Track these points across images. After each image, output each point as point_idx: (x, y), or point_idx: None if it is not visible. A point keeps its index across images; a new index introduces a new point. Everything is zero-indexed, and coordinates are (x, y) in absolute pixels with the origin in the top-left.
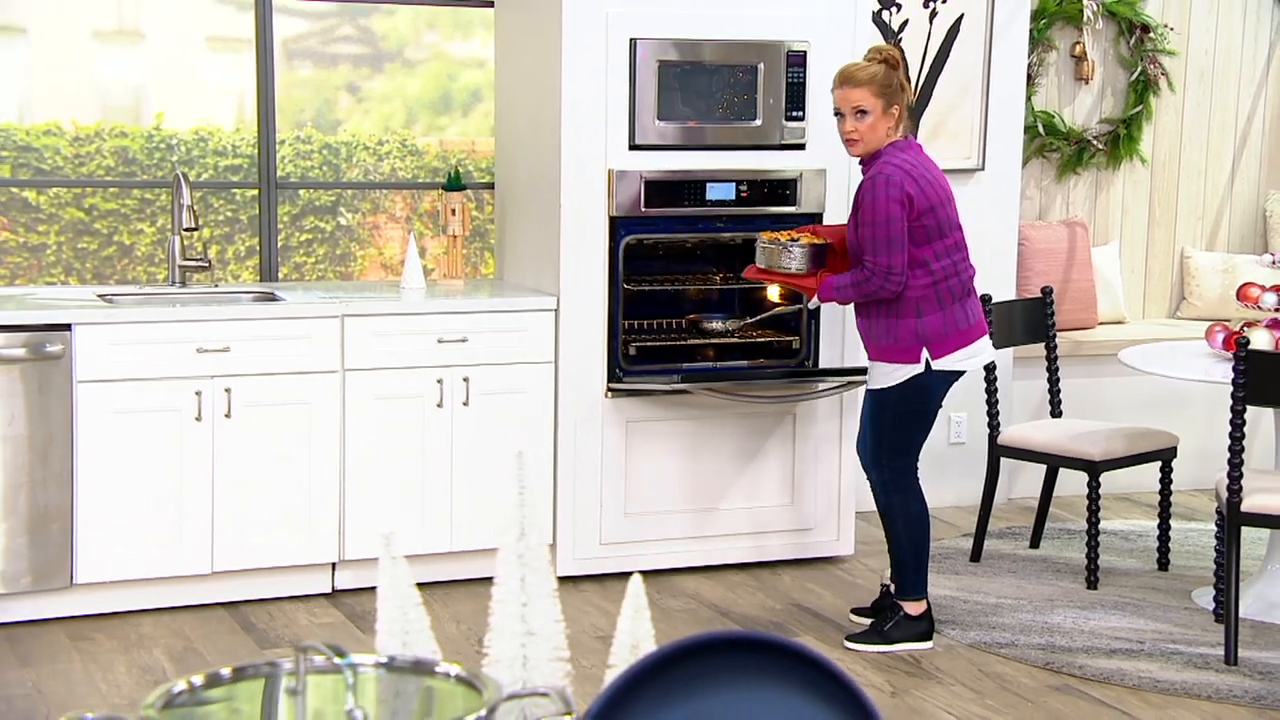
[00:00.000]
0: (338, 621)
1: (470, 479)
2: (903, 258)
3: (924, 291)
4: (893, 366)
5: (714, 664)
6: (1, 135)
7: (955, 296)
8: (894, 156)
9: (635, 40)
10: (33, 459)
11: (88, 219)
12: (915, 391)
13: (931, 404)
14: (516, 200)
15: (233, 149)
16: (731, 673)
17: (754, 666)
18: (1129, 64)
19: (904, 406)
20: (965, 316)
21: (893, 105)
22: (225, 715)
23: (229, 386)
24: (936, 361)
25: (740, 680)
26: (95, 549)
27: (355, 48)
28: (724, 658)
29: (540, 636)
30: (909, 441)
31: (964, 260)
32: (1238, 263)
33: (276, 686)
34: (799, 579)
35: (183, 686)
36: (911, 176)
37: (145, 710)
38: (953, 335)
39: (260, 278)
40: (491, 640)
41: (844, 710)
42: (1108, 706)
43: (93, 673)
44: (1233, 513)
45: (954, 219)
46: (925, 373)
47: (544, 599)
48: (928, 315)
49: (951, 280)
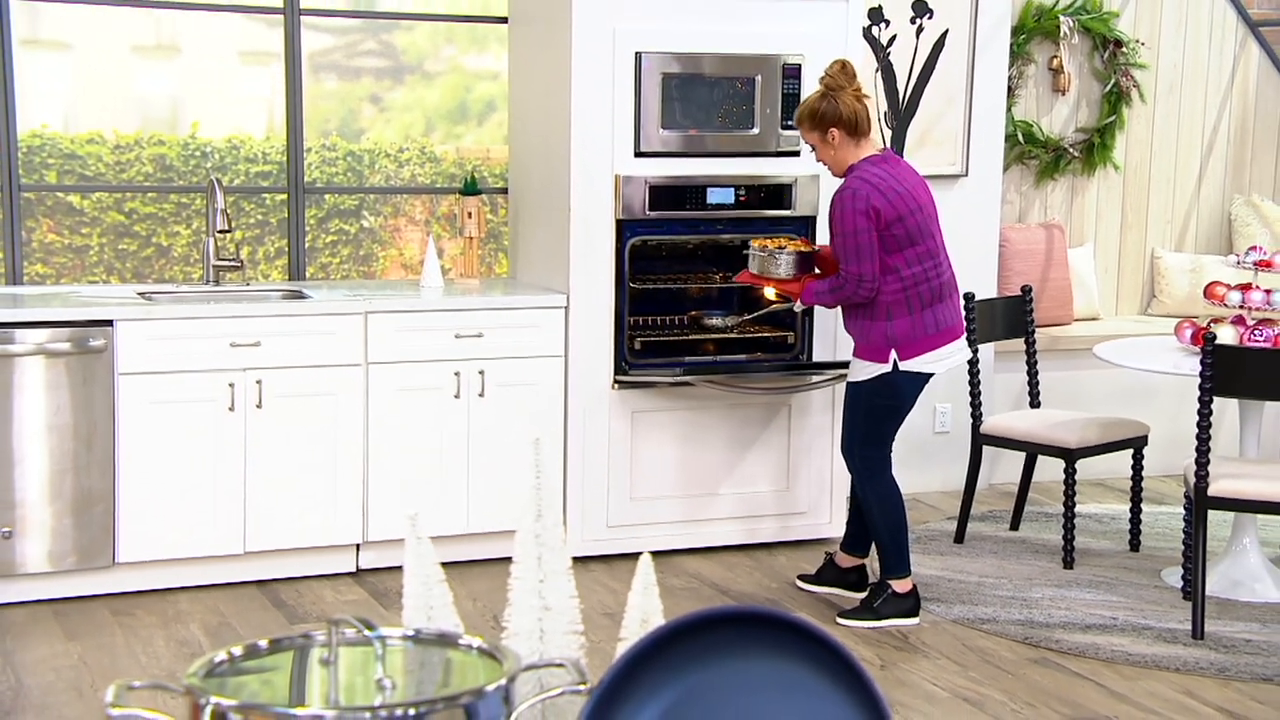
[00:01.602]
0: (361, 599)
1: (485, 465)
2: (872, 266)
3: (895, 296)
4: (866, 364)
5: (720, 637)
6: (48, 144)
7: (925, 302)
8: (864, 171)
9: (640, 54)
10: (77, 446)
11: (128, 222)
12: (884, 388)
13: (900, 401)
14: (528, 204)
15: (263, 156)
16: (736, 645)
17: (757, 640)
18: (1103, 77)
19: (875, 401)
20: (935, 321)
21: (828, 130)
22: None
23: (260, 378)
24: (904, 363)
25: (744, 652)
26: (136, 530)
27: (377, 61)
28: (729, 631)
29: (556, 611)
30: (880, 434)
31: (935, 267)
32: (1204, 263)
33: (309, 657)
34: (793, 559)
35: (223, 656)
36: (879, 190)
37: (189, 678)
38: (921, 339)
39: (289, 277)
40: (510, 615)
41: (841, 680)
42: (1083, 678)
43: (134, 646)
44: (1200, 497)
45: (925, 227)
46: (893, 372)
47: (559, 576)
48: (897, 319)
49: (921, 286)
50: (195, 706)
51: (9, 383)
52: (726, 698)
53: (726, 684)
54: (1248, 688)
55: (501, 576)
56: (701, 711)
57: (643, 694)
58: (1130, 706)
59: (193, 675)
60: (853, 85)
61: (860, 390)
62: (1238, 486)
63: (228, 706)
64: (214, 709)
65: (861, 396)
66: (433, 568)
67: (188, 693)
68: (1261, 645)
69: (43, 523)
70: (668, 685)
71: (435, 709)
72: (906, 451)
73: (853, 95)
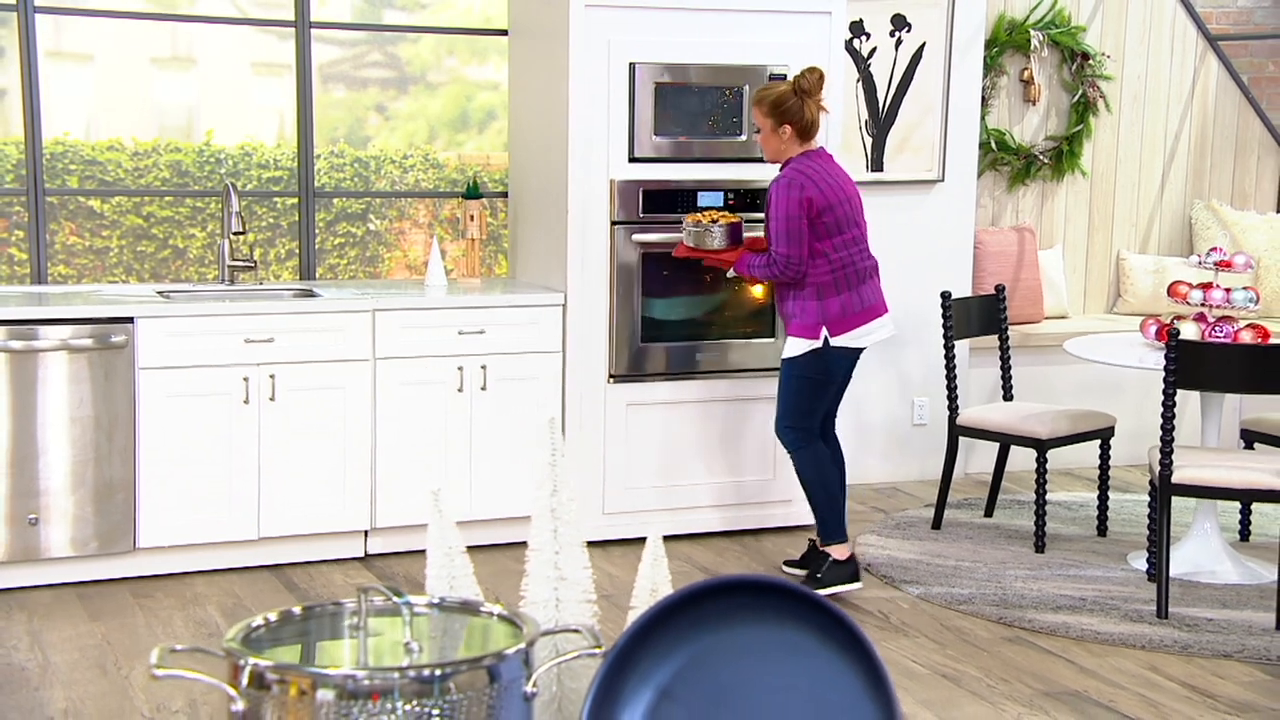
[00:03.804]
0: (370, 582)
1: (487, 455)
2: (800, 250)
3: (825, 278)
4: (799, 341)
5: (725, 604)
6: (70, 150)
7: (852, 284)
8: (801, 164)
9: (634, 64)
10: (99, 437)
11: (146, 225)
12: (817, 362)
13: (830, 375)
14: (528, 207)
15: (274, 162)
16: (741, 612)
17: (760, 607)
18: (1071, 88)
19: (806, 374)
20: (861, 300)
21: (783, 124)
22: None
23: (273, 373)
24: (834, 339)
25: (748, 619)
26: (155, 517)
27: (383, 72)
28: (734, 599)
29: (570, 581)
30: (810, 407)
31: (860, 252)
32: (1167, 264)
33: (341, 624)
34: (780, 545)
35: (260, 622)
36: (813, 182)
37: (228, 642)
38: (850, 316)
39: (299, 277)
40: (527, 585)
41: (839, 643)
42: (1054, 655)
43: (154, 626)
44: (1164, 484)
45: (852, 217)
46: (824, 347)
47: (574, 548)
48: (827, 298)
49: (849, 269)
50: (235, 667)
51: (34, 377)
52: (732, 660)
53: (732, 647)
54: (1209, 664)
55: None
56: (709, 673)
57: (654, 657)
58: (1099, 682)
59: (232, 639)
60: (819, 95)
61: (794, 365)
62: (1200, 474)
63: (265, 666)
64: (252, 669)
65: (794, 372)
66: (454, 540)
67: (228, 655)
68: (1222, 624)
69: (66, 510)
70: (677, 649)
71: (460, 670)
72: (886, 442)
73: (816, 104)
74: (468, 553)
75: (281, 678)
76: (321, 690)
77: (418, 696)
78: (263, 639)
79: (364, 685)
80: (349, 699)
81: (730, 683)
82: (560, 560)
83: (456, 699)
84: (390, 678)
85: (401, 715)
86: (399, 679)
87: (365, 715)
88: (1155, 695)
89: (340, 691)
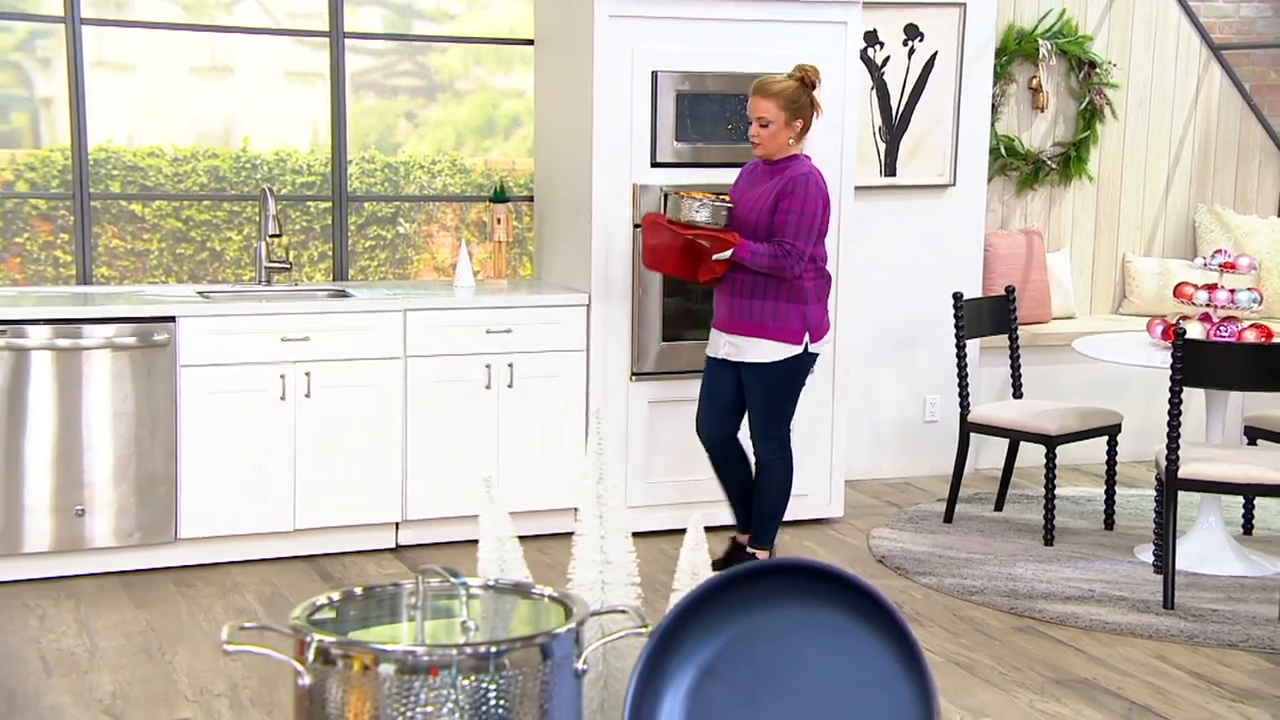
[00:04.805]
0: (401, 572)
1: (514, 450)
2: (810, 249)
3: (812, 284)
4: (778, 345)
5: (764, 587)
6: (113, 156)
7: (824, 293)
8: (814, 165)
9: (656, 73)
10: (141, 432)
11: (185, 228)
12: (797, 367)
13: (804, 379)
14: (553, 211)
15: (308, 168)
16: (779, 593)
17: (798, 588)
18: (1078, 95)
19: (786, 380)
20: (826, 310)
21: (797, 119)
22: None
23: (308, 370)
24: (813, 345)
25: (787, 600)
26: (195, 509)
27: (412, 80)
28: (773, 581)
29: (616, 564)
30: (789, 411)
31: (827, 262)
32: (1171, 266)
33: (400, 604)
34: (796, 537)
35: (324, 601)
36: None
37: (294, 620)
38: (824, 325)
39: (333, 278)
40: (574, 568)
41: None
42: (1064, 644)
43: (195, 614)
44: (1171, 479)
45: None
46: (804, 353)
47: (618, 533)
48: (812, 305)
49: (826, 278)
50: (301, 644)
51: (80, 374)
52: (772, 639)
53: (772, 628)
54: (1214, 653)
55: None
56: (750, 652)
57: (696, 637)
58: (1107, 670)
59: (298, 618)
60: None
61: (774, 370)
62: (1205, 469)
63: (330, 643)
64: (318, 645)
65: (775, 377)
66: (505, 526)
67: (294, 632)
68: (1227, 614)
69: (111, 502)
70: (719, 629)
71: (515, 648)
72: (899, 438)
73: (817, 101)
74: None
75: (346, 653)
76: (384, 665)
77: (475, 672)
78: (326, 617)
79: (424, 661)
80: (409, 674)
81: (770, 661)
82: (606, 545)
83: (511, 675)
84: (449, 654)
85: (459, 690)
86: (457, 655)
87: (425, 690)
88: (1163, 683)
89: (401, 666)
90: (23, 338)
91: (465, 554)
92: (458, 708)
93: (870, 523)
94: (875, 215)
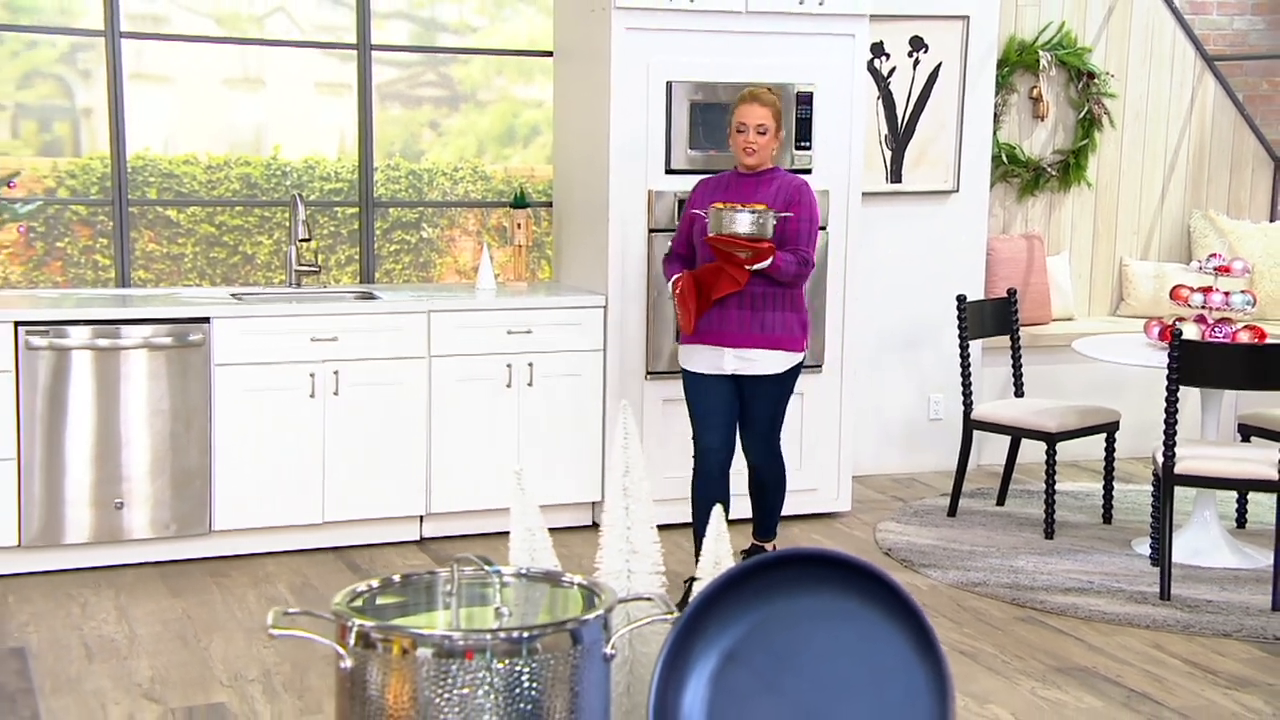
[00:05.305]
0: (425, 564)
1: (533, 446)
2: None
3: (802, 291)
4: (787, 355)
5: (785, 575)
6: (149, 164)
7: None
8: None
9: (671, 83)
10: (177, 428)
11: (218, 233)
12: (796, 374)
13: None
14: (571, 216)
15: (335, 175)
16: (799, 582)
17: (817, 577)
18: (1077, 105)
19: (790, 388)
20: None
21: (780, 130)
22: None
23: (337, 369)
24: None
25: (806, 588)
26: (229, 502)
27: (436, 91)
28: (793, 570)
29: (642, 554)
30: (784, 418)
31: None
32: (1167, 270)
33: (436, 591)
34: (806, 530)
35: (365, 588)
36: None
37: (336, 606)
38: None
39: (359, 280)
40: (601, 557)
41: (890, 610)
42: (1064, 633)
43: (229, 602)
44: (1167, 475)
45: None
46: (802, 360)
47: (644, 524)
48: (803, 312)
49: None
50: (343, 629)
51: (118, 373)
52: (792, 626)
53: (792, 615)
54: (1209, 642)
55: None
56: (770, 638)
57: (719, 624)
58: (1106, 658)
59: (340, 603)
60: None
61: (784, 380)
62: (1200, 465)
63: (370, 627)
64: (359, 630)
65: (784, 386)
66: (535, 518)
67: (336, 617)
68: (1221, 605)
69: (148, 495)
70: (741, 616)
71: (546, 633)
72: (905, 436)
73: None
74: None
75: (385, 637)
76: (421, 649)
77: (508, 656)
78: (366, 604)
79: (459, 645)
80: (446, 657)
81: (790, 647)
82: (632, 535)
83: (543, 658)
84: (483, 639)
85: (494, 672)
86: (491, 640)
87: (462, 672)
88: (1159, 671)
89: (438, 650)
90: (64, 338)
91: (486, 545)
92: (492, 689)
93: (876, 517)
94: (881, 220)
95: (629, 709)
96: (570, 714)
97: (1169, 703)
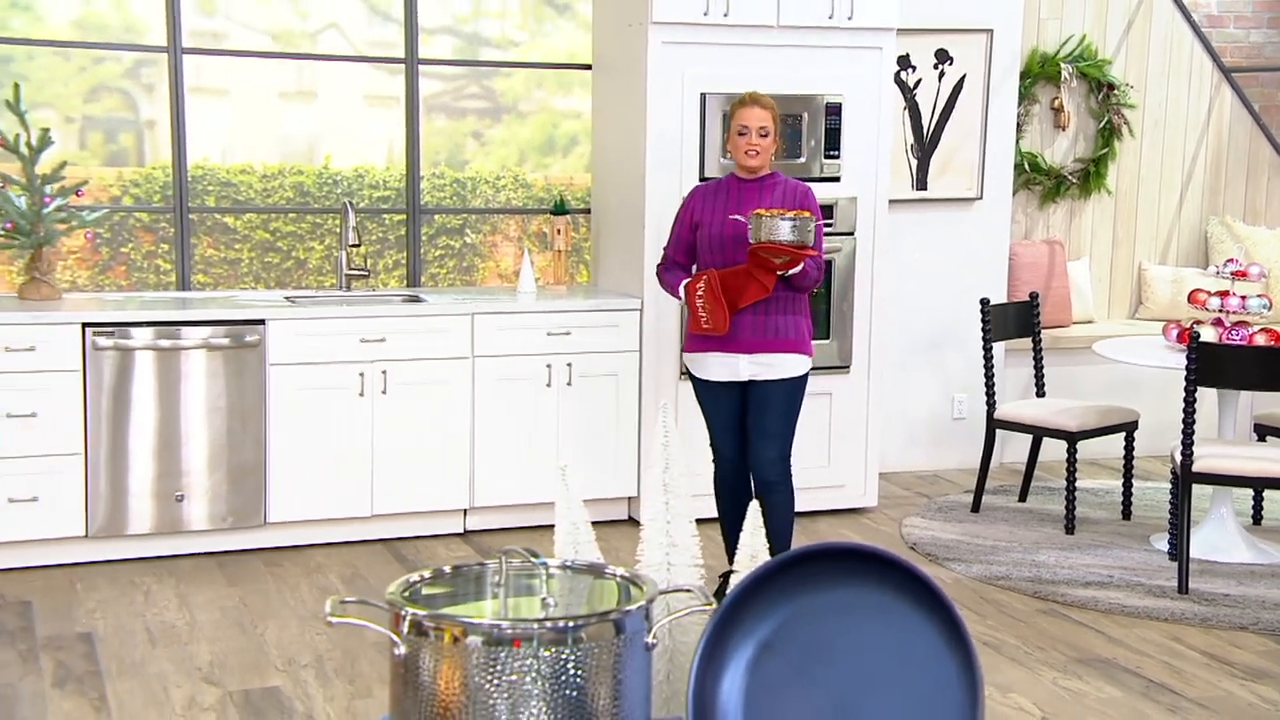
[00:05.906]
0: (469, 555)
1: (573, 443)
2: None
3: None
4: (801, 358)
5: (820, 569)
6: (208, 173)
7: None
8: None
9: (705, 94)
10: (234, 425)
11: (273, 239)
12: (807, 378)
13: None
14: (608, 222)
15: (384, 183)
16: (834, 575)
17: (851, 571)
18: (1097, 114)
19: (803, 392)
20: None
21: (779, 133)
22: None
23: (385, 369)
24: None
25: (841, 581)
26: (283, 495)
27: (479, 103)
28: (828, 564)
29: (681, 547)
30: (794, 434)
31: None
32: (1184, 274)
33: (485, 581)
34: (834, 525)
35: (417, 578)
36: None
37: (390, 595)
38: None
39: (406, 284)
40: (642, 550)
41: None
42: (1085, 626)
43: (283, 591)
44: (1185, 472)
45: None
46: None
47: (683, 518)
48: (807, 316)
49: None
50: (397, 617)
51: (178, 372)
52: (827, 618)
53: (826, 607)
54: (1226, 634)
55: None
56: (805, 629)
57: (756, 615)
58: (1126, 650)
59: (394, 593)
60: None
61: (798, 384)
62: (1217, 464)
63: (423, 616)
64: (412, 618)
65: (797, 390)
66: (579, 512)
67: (390, 606)
68: (1238, 599)
69: (206, 489)
70: (777, 608)
71: (591, 623)
72: (929, 434)
73: None
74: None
75: (437, 626)
76: (472, 637)
77: (554, 644)
78: (419, 593)
79: (508, 633)
80: (495, 645)
81: (824, 638)
82: (671, 529)
83: (588, 647)
84: (531, 628)
85: (541, 660)
86: (538, 629)
87: (510, 660)
88: (1178, 662)
89: (488, 638)
90: (128, 339)
91: (527, 538)
92: (539, 676)
93: (902, 512)
94: (907, 227)
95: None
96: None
97: (1187, 693)
